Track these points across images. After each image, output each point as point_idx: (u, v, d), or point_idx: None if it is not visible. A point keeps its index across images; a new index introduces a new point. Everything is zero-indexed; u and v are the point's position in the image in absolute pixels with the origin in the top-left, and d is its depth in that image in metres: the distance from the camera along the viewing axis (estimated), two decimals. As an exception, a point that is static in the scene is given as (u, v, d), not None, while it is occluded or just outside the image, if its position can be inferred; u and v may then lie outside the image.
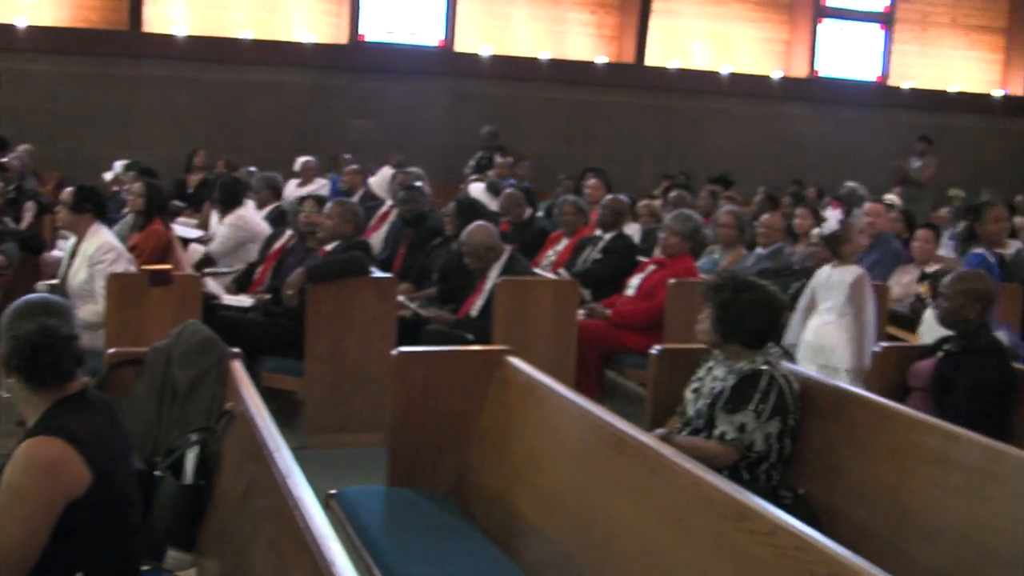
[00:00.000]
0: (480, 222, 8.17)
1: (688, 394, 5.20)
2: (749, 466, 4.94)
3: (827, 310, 7.08)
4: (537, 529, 4.42)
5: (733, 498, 3.40)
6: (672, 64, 19.42)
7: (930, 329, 6.69)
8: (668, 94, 19.41)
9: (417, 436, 5.09)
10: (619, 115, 19.14)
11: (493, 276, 7.87)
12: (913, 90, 21.02)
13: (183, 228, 10.65)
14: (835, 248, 7.17)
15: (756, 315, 5.01)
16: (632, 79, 19.14)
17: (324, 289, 7.29)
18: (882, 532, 4.49)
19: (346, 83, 17.71)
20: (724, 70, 19.76)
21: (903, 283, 9.40)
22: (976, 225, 7.62)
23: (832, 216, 7.27)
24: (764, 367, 4.98)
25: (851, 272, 7.07)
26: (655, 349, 5.63)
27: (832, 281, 7.13)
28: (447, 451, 5.14)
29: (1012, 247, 11.63)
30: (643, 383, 8.22)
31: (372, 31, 18.06)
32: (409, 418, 5.07)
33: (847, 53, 21.03)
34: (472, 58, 18.34)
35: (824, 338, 7.00)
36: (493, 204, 11.61)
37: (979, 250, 7.57)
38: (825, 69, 20.77)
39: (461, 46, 18.43)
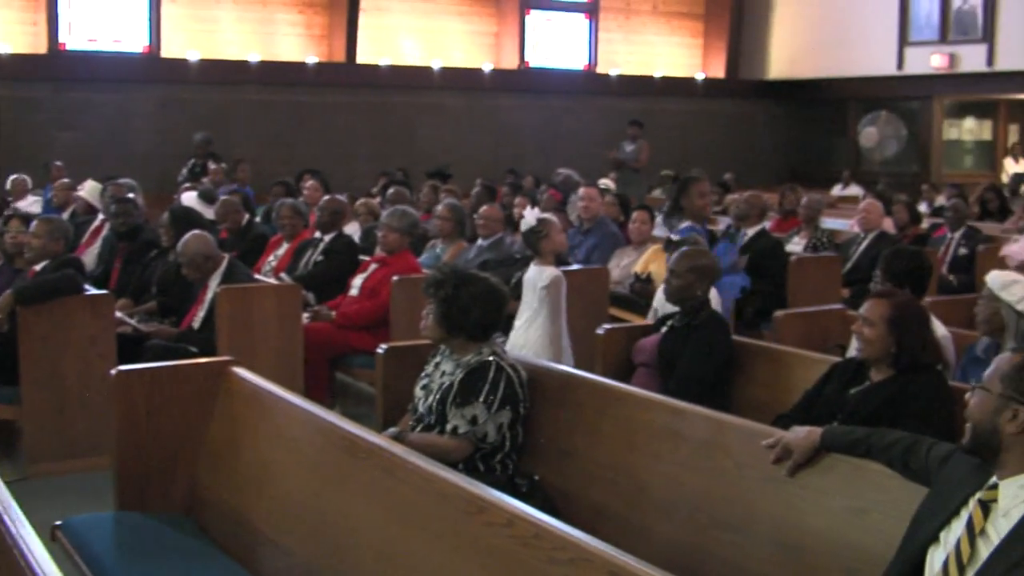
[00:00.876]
0: (196, 231, 7.95)
1: (418, 391, 5.17)
2: (484, 457, 4.95)
3: (526, 307, 7.14)
4: (276, 542, 4.31)
5: (469, 492, 3.39)
6: (383, 61, 19.42)
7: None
8: (381, 91, 19.39)
9: (145, 456, 4.89)
10: (333, 115, 19.00)
11: (213, 285, 7.67)
12: (620, 77, 21.65)
13: None
14: (533, 245, 7.21)
15: (480, 308, 5.02)
16: (344, 78, 19.05)
17: (36, 311, 6.96)
18: (619, 511, 4.57)
19: (47, 94, 16.96)
20: (435, 65, 19.88)
21: (622, 265, 9.64)
22: (682, 199, 7.83)
23: (529, 214, 7.30)
24: (491, 358, 4.99)
25: (546, 274, 7.03)
26: (381, 348, 5.58)
27: (531, 280, 7.16)
28: (177, 470, 4.96)
29: (722, 223, 12.14)
30: (373, 383, 8.19)
31: (73, 39, 17.38)
32: (135, 439, 4.87)
33: (555, 43, 21.49)
34: (180, 63, 17.88)
35: (519, 337, 7.02)
36: (209, 212, 11.32)
37: (688, 223, 7.78)
38: (535, 60, 21.16)
39: (168, 52, 17.96)
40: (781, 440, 4.06)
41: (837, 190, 19.50)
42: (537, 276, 7.08)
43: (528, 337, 6.93)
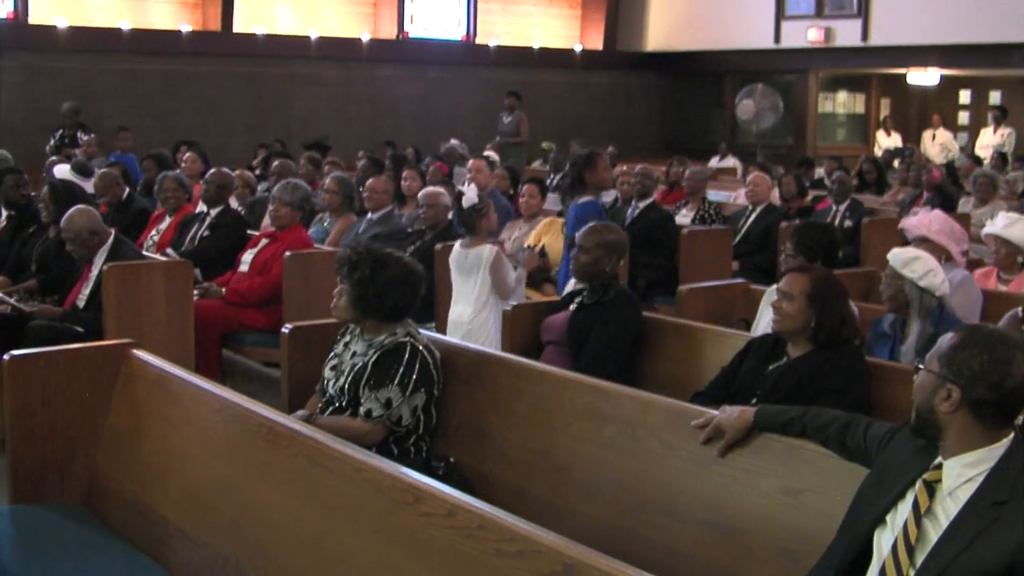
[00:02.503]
0: (80, 206, 7.63)
1: (327, 372, 5.01)
2: (397, 440, 4.83)
3: (467, 289, 7.04)
4: (186, 533, 4.13)
5: (404, 481, 3.26)
6: (259, 30, 18.99)
7: None
8: (256, 61, 18.99)
9: (40, 446, 4.66)
10: (208, 85, 18.57)
11: (99, 263, 7.38)
12: (499, 47, 21.52)
13: None
14: (470, 223, 7.09)
15: (397, 291, 4.87)
16: (219, 47, 18.59)
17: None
18: (540, 493, 4.49)
19: (-94, 64, 16.32)
20: (313, 34, 19.51)
21: (513, 238, 9.55)
22: (587, 174, 7.75)
23: (469, 191, 7.14)
24: (405, 339, 4.86)
25: (487, 252, 7.01)
26: (286, 328, 5.38)
27: (469, 262, 7.08)
28: (75, 459, 4.73)
29: (608, 196, 12.12)
30: (267, 362, 8.01)
31: (-67, 5, 16.73)
32: (29, 428, 4.63)
33: (434, 13, 21.27)
34: (47, 30, 17.23)
35: (470, 323, 6.96)
36: (84, 184, 10.94)
37: (588, 197, 7.72)
38: (414, 30, 20.92)
39: (35, 18, 17.32)
40: (712, 420, 4.00)
41: (714, 162, 19.63)
42: (477, 256, 7.01)
43: (481, 322, 6.84)
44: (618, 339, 5.68)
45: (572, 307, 5.95)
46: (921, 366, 3.25)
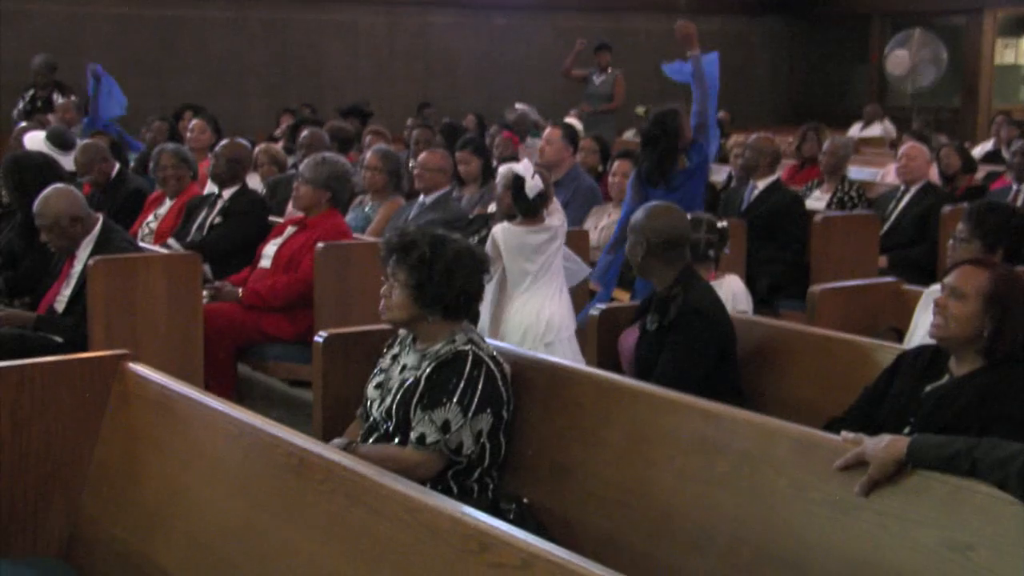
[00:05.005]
0: (58, 186, 7.75)
1: (371, 391, 5.09)
2: (458, 475, 4.90)
3: (525, 278, 7.14)
4: (192, 589, 4.22)
5: (467, 525, 3.30)
6: (281, -34, 19.23)
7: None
8: (279, 5, 19.18)
9: (9, 485, 4.73)
10: (216, 35, 18.79)
11: (83, 256, 7.51)
12: (583, -12, 21.60)
13: None
14: (534, 209, 7.19)
15: (463, 273, 4.93)
16: (230, -12, 18.87)
17: None
18: (635, 543, 4.53)
19: None
20: (349, -29, 19.73)
21: (600, 227, 9.58)
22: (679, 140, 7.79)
23: (527, 171, 7.17)
24: (466, 347, 4.91)
25: (548, 230, 7.16)
26: (319, 337, 5.46)
27: (537, 241, 7.17)
28: (53, 501, 4.82)
29: (720, 174, 12.13)
30: (295, 380, 8.11)
31: None
32: (-3, 462, 4.74)
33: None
34: (13, -36, 17.59)
35: (538, 311, 7.08)
36: (63, 159, 11.13)
37: None
38: (475, -35, 21.06)
39: (1, -47, 17.67)
40: (855, 450, 4.01)
41: (856, 130, 19.54)
42: (547, 231, 7.17)
43: (557, 325, 6.93)
44: (688, 374, 5.56)
45: (637, 331, 5.95)
46: None
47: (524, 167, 7.15)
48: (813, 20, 23.08)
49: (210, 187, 9.43)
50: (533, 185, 7.07)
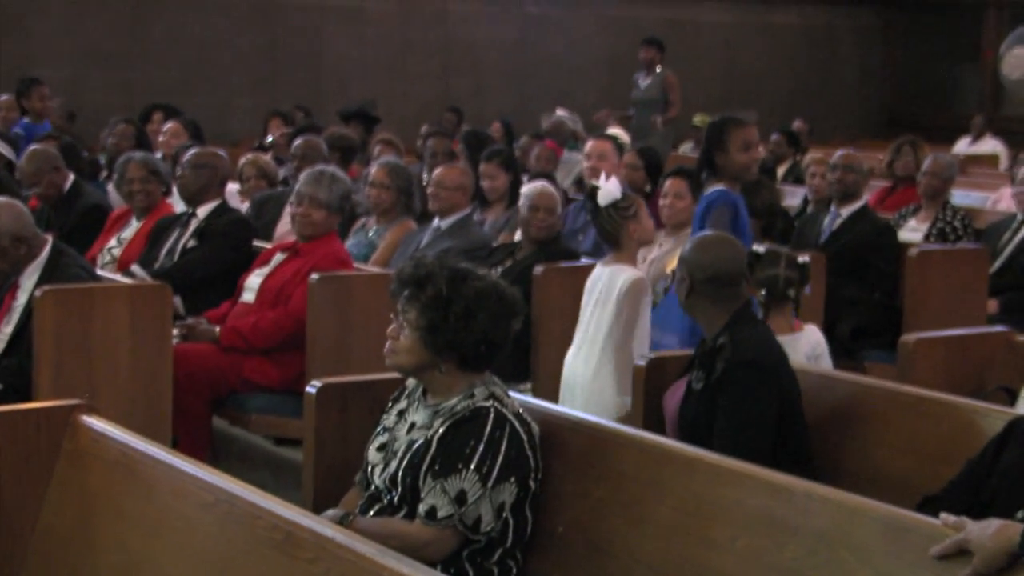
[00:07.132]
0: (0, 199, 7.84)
1: (372, 453, 5.12)
2: (474, 556, 4.92)
3: (596, 330, 7.16)
4: None
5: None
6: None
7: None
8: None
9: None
10: (194, 19, 18.87)
11: (27, 285, 7.56)
12: (632, -30, 21.68)
13: None
14: (613, 230, 7.17)
15: (487, 317, 4.95)
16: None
17: None
18: (689, 642, 4.54)
19: None
20: (353, -53, 19.83)
21: (649, 259, 9.61)
22: (715, 152, 7.79)
23: (610, 182, 7.16)
24: (487, 403, 4.94)
25: (626, 276, 7.09)
26: (312, 387, 5.49)
27: (600, 289, 7.18)
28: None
29: (794, 197, 12.15)
30: (280, 438, 8.13)
31: None
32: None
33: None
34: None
35: (587, 371, 7.09)
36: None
37: (720, 186, 7.72)
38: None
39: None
40: (957, 537, 4.02)
41: (963, 146, 19.57)
42: (611, 280, 7.12)
43: (602, 381, 6.95)
44: (749, 448, 5.41)
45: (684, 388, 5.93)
46: None
47: (612, 183, 7.18)
48: (912, 10, 23.07)
49: (183, 204, 9.46)
50: (608, 192, 7.12)
